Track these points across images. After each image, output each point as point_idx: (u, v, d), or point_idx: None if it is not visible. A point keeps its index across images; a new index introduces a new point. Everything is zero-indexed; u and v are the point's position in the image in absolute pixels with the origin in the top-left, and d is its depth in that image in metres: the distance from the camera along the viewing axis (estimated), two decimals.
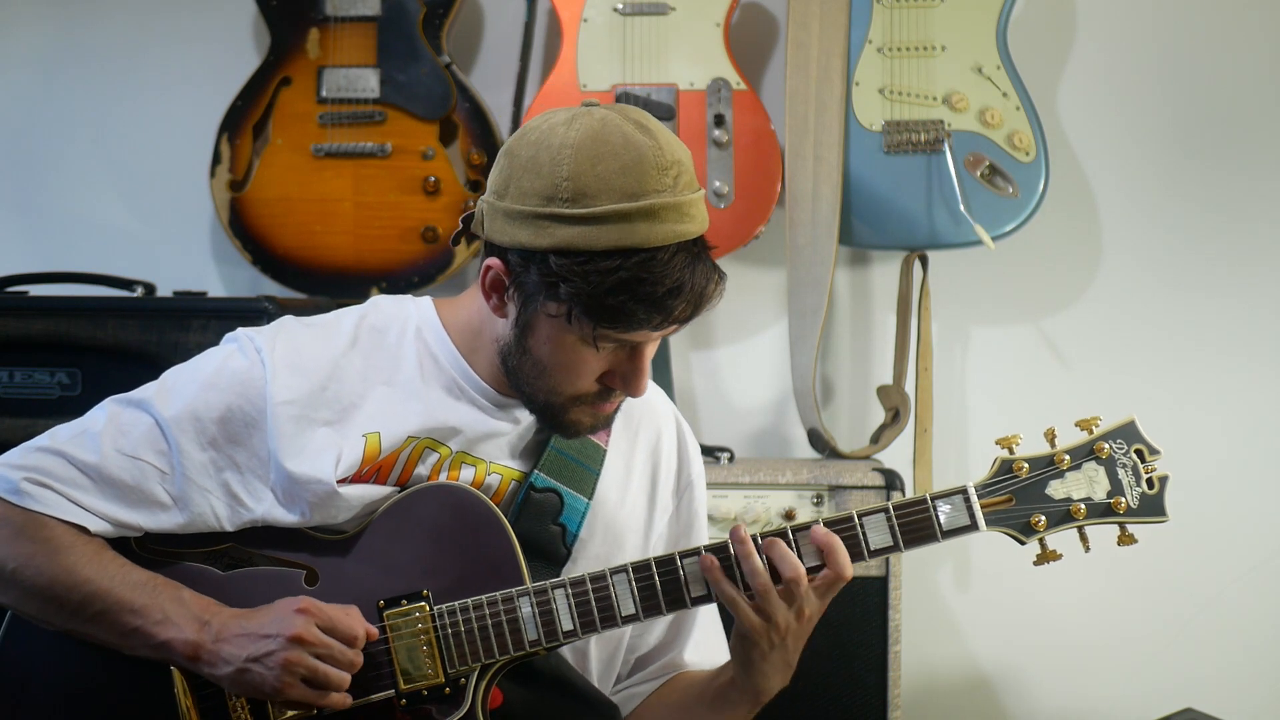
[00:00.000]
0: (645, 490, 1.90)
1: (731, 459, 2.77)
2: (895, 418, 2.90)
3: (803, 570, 1.66)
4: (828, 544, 1.67)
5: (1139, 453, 1.70)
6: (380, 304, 1.84)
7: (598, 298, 1.60)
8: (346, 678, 1.67)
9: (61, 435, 1.75)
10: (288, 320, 1.82)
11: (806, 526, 1.68)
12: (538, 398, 1.73)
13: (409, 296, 1.85)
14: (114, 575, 1.70)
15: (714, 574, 1.67)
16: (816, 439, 2.88)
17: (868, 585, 2.56)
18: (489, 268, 1.69)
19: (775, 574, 1.66)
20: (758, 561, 1.66)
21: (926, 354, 2.89)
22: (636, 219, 1.59)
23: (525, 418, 1.81)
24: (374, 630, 1.70)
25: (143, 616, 1.68)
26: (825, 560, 1.67)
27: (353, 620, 1.68)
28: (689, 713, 1.85)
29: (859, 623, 2.56)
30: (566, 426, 1.75)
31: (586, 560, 1.82)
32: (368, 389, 1.76)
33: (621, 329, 1.63)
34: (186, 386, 1.75)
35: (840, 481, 2.63)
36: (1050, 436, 1.72)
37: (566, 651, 1.83)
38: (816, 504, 2.62)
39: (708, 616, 1.95)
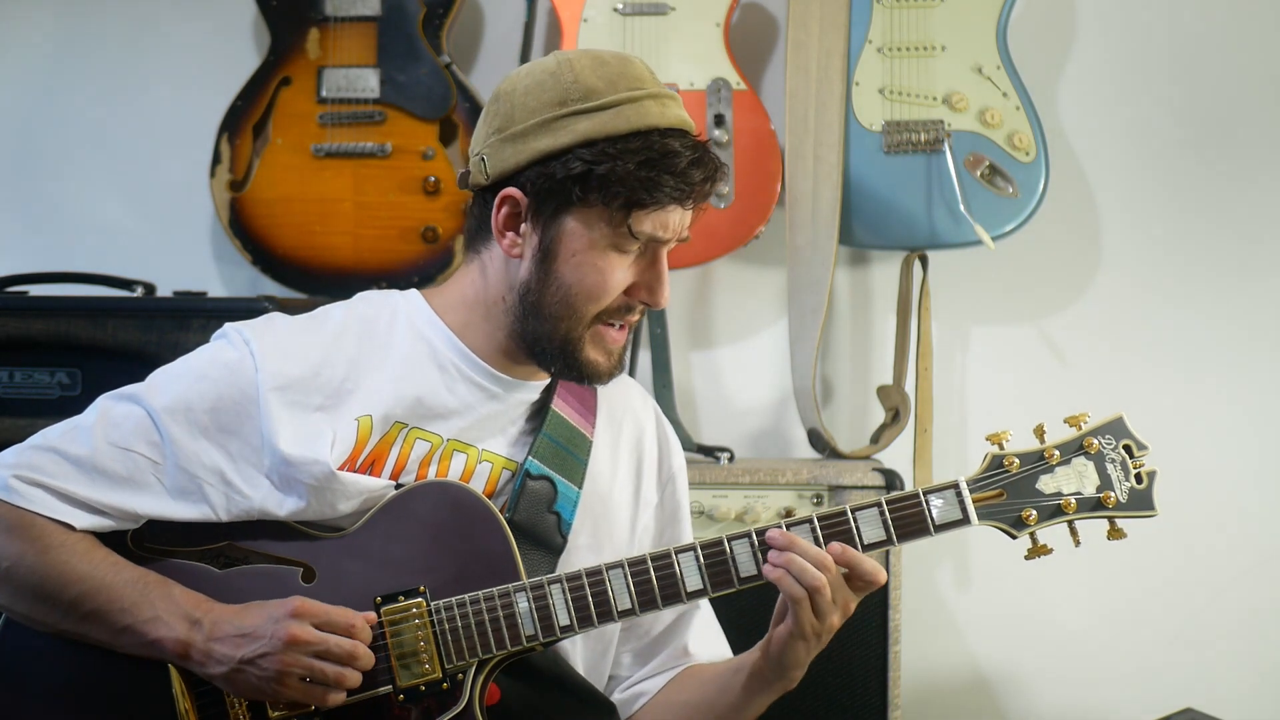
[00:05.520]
0: (630, 482, 1.91)
1: (731, 459, 2.76)
2: (895, 418, 2.89)
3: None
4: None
5: (1127, 448, 1.72)
6: (368, 296, 1.86)
7: (629, 174, 1.67)
8: (348, 673, 1.66)
9: (53, 433, 1.76)
10: (275, 314, 1.85)
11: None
12: (558, 332, 1.74)
13: (394, 290, 1.87)
14: (105, 573, 1.70)
15: (785, 580, 1.67)
16: (816, 439, 2.88)
17: None
18: (503, 200, 1.72)
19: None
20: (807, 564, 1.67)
21: (926, 354, 2.89)
22: (647, 103, 1.70)
23: (519, 398, 1.81)
24: (372, 617, 1.69)
25: (133, 615, 1.68)
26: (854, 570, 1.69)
27: (348, 611, 1.68)
28: (712, 709, 1.84)
29: (859, 623, 2.54)
30: (583, 367, 1.75)
31: (579, 550, 1.82)
32: (360, 374, 1.77)
33: (653, 206, 1.68)
34: (179, 380, 1.77)
35: (840, 481, 2.62)
36: (1040, 433, 1.73)
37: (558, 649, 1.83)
38: (816, 504, 2.62)
39: (703, 610, 1.95)
